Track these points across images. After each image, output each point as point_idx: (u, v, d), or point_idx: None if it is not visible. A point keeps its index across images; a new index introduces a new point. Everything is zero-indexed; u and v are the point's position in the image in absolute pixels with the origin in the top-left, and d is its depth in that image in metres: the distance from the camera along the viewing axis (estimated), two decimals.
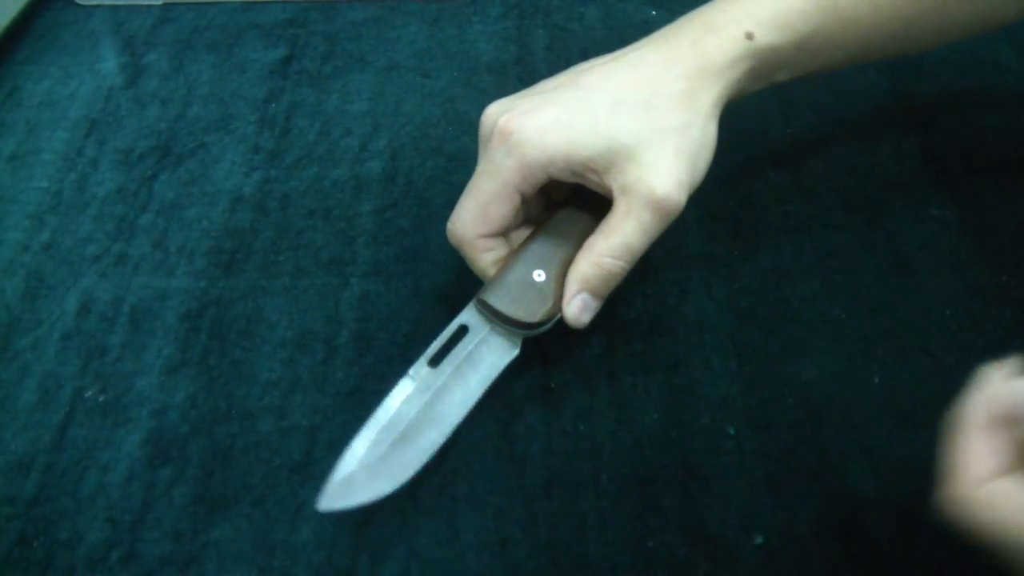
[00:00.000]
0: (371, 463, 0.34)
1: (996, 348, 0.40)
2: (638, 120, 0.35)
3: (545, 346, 0.41)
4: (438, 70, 0.55)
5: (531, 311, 0.36)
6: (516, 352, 0.37)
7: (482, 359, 0.36)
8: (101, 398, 0.40)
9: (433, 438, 0.35)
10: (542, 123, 0.35)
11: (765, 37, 0.36)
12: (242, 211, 0.47)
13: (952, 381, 0.39)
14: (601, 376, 0.40)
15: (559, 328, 0.41)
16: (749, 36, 0.36)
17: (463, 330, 0.37)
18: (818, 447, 0.37)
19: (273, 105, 0.53)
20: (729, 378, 0.39)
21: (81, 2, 0.61)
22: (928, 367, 0.39)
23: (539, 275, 0.36)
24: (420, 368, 0.36)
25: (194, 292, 0.43)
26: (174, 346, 0.41)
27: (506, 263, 0.37)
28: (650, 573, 0.34)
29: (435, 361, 0.36)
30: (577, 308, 0.36)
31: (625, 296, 0.42)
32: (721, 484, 0.36)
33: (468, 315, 0.37)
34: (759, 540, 0.35)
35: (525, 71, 0.54)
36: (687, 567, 0.34)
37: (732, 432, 0.38)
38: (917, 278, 0.43)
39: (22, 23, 0.59)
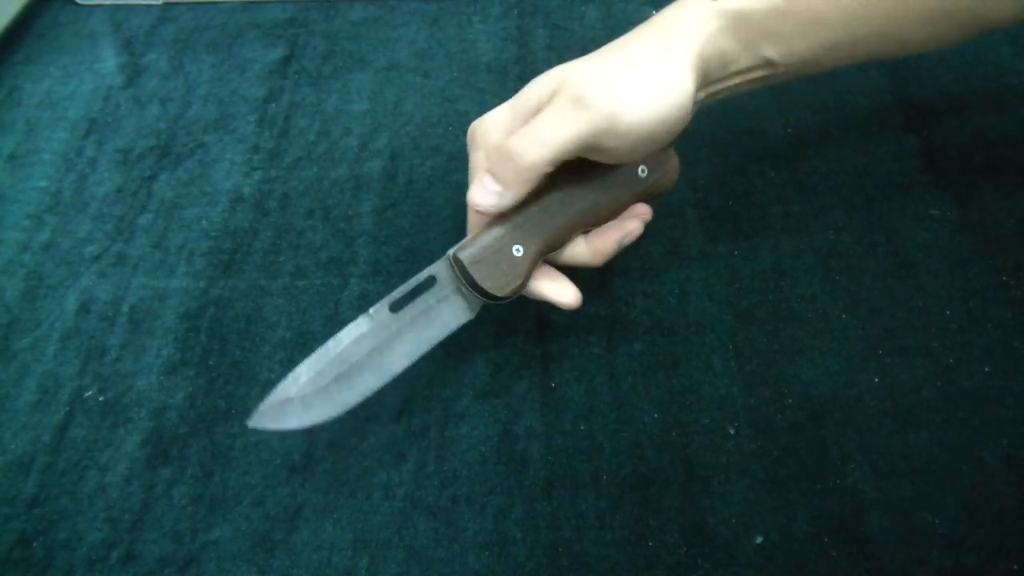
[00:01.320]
0: (309, 393, 0.34)
1: (996, 348, 0.40)
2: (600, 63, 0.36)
3: (545, 346, 0.41)
4: (438, 70, 0.55)
5: (500, 285, 0.35)
6: (471, 317, 0.37)
7: (439, 315, 0.36)
8: (101, 398, 0.40)
9: (373, 383, 0.35)
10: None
11: (732, 1, 0.37)
12: (242, 211, 0.47)
13: (952, 381, 0.39)
14: (601, 376, 0.40)
15: (559, 328, 0.41)
16: None
17: (430, 281, 0.36)
18: (818, 447, 0.37)
19: (273, 105, 0.53)
20: (729, 378, 0.39)
21: (81, 2, 0.61)
22: (928, 367, 0.39)
23: (518, 250, 0.36)
24: (381, 310, 0.36)
25: (193, 292, 0.43)
26: (174, 346, 0.41)
27: (489, 227, 0.36)
28: (650, 573, 0.34)
29: (396, 307, 0.36)
30: (477, 191, 0.35)
31: (625, 296, 0.42)
32: (721, 484, 0.36)
33: (439, 268, 0.36)
34: (759, 540, 0.35)
35: (525, 71, 0.54)
36: (687, 567, 0.34)
37: (732, 432, 0.38)
38: (917, 278, 0.43)
39: (22, 23, 0.59)
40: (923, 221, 0.45)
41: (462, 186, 0.42)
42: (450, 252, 0.36)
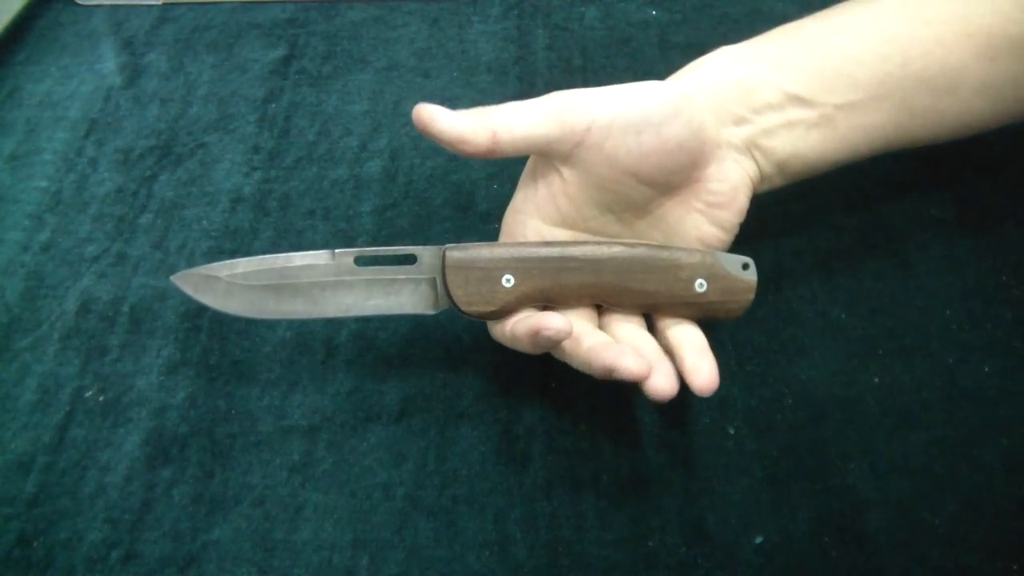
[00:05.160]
0: (235, 284, 0.35)
1: (996, 348, 0.40)
2: None
3: None
4: (438, 70, 0.55)
5: (469, 301, 0.34)
6: (429, 312, 0.36)
7: (399, 292, 0.36)
8: (101, 398, 0.40)
9: (297, 311, 0.35)
10: None
11: (741, 44, 0.38)
12: (242, 211, 0.47)
13: (952, 381, 0.39)
14: None
15: None
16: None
17: (410, 258, 0.35)
18: (818, 447, 0.37)
19: (273, 105, 0.53)
20: (729, 378, 0.39)
21: (81, 2, 0.61)
22: (928, 367, 0.39)
23: (507, 280, 0.34)
24: (345, 256, 0.35)
25: None
26: (174, 346, 0.41)
27: (496, 246, 0.35)
28: (650, 573, 0.34)
29: (362, 261, 0.35)
30: (425, 109, 0.34)
31: None
32: (721, 484, 0.36)
33: (426, 252, 0.35)
34: (759, 540, 0.35)
35: (525, 71, 0.54)
36: (687, 567, 0.34)
37: (732, 432, 0.38)
38: (917, 278, 0.43)
39: (22, 23, 0.59)
40: (923, 221, 0.45)
41: (462, 186, 0.42)
42: (446, 246, 0.35)
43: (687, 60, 0.38)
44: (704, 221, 0.37)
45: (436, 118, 0.33)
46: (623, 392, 0.39)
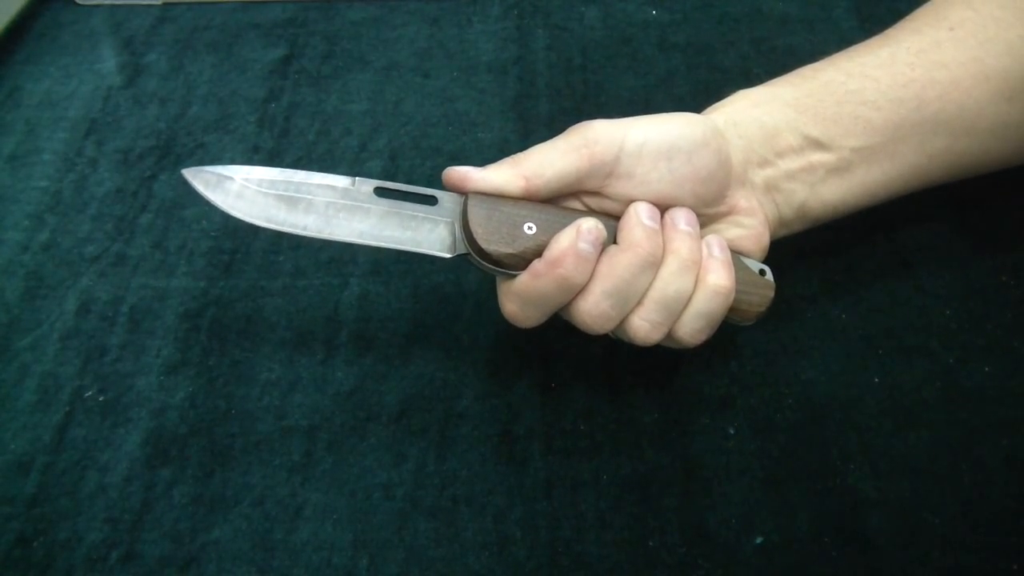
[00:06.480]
0: (248, 188, 0.34)
1: (996, 348, 0.40)
2: None
3: (545, 345, 0.41)
4: (438, 70, 0.55)
5: (489, 240, 0.33)
6: (444, 255, 0.35)
7: (416, 228, 0.35)
8: (101, 398, 0.40)
9: (307, 226, 0.34)
10: None
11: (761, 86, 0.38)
12: None
13: (952, 381, 0.39)
14: (601, 376, 0.40)
15: (559, 328, 0.41)
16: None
17: (431, 199, 0.35)
18: (818, 447, 0.37)
19: (273, 105, 0.53)
20: (729, 378, 0.39)
21: (81, 2, 0.61)
22: (928, 367, 0.39)
23: (529, 228, 0.34)
24: (365, 185, 0.35)
25: (193, 292, 0.43)
26: (173, 346, 0.41)
27: (520, 199, 0.34)
28: (650, 573, 0.34)
29: (382, 193, 0.35)
30: (456, 170, 0.34)
31: None
32: (721, 484, 0.36)
33: (447, 196, 0.35)
34: (759, 540, 0.35)
35: (525, 71, 0.54)
36: (687, 567, 0.34)
37: (732, 432, 0.38)
38: (917, 278, 0.43)
39: (22, 23, 0.59)
40: (923, 221, 0.45)
41: None
42: (468, 193, 0.34)
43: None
44: None
45: (468, 178, 0.34)
46: (623, 392, 0.39)
